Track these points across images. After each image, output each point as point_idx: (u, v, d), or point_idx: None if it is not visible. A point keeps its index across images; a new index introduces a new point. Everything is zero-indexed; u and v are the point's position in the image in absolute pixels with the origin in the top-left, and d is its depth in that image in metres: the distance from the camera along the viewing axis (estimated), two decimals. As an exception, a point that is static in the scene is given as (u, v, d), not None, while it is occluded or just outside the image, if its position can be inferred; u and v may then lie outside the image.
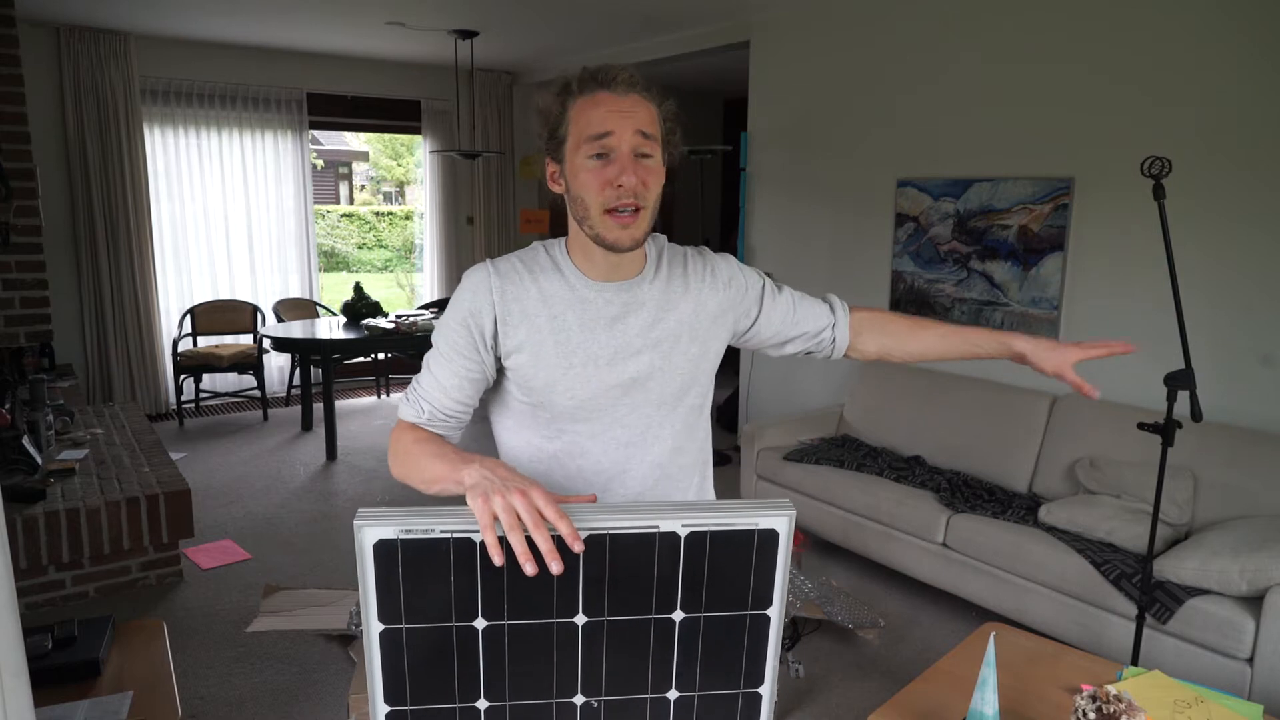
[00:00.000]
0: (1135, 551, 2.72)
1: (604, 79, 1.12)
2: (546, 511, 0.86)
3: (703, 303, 1.26)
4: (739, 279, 1.32)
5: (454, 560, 0.87)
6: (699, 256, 1.30)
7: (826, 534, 3.60)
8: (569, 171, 1.14)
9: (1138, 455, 3.00)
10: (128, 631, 1.76)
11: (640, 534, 0.89)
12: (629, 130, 1.10)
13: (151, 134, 5.64)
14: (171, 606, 3.18)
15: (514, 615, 0.90)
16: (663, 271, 1.25)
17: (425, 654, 0.90)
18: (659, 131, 1.15)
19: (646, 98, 1.14)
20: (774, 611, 0.95)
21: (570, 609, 0.91)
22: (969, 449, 3.55)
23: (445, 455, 1.07)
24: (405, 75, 6.52)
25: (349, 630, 2.90)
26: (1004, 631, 1.59)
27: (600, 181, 1.11)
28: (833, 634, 3.02)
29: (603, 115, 1.10)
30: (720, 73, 6.26)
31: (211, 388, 6.06)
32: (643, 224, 1.13)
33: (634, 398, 1.21)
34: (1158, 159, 2.03)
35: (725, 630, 0.94)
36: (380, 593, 0.88)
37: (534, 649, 0.92)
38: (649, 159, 1.13)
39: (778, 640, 0.96)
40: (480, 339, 1.17)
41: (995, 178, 3.64)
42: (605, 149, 1.10)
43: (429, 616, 0.89)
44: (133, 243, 5.51)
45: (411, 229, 14.34)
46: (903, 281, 4.07)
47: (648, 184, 1.12)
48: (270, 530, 3.92)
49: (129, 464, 3.58)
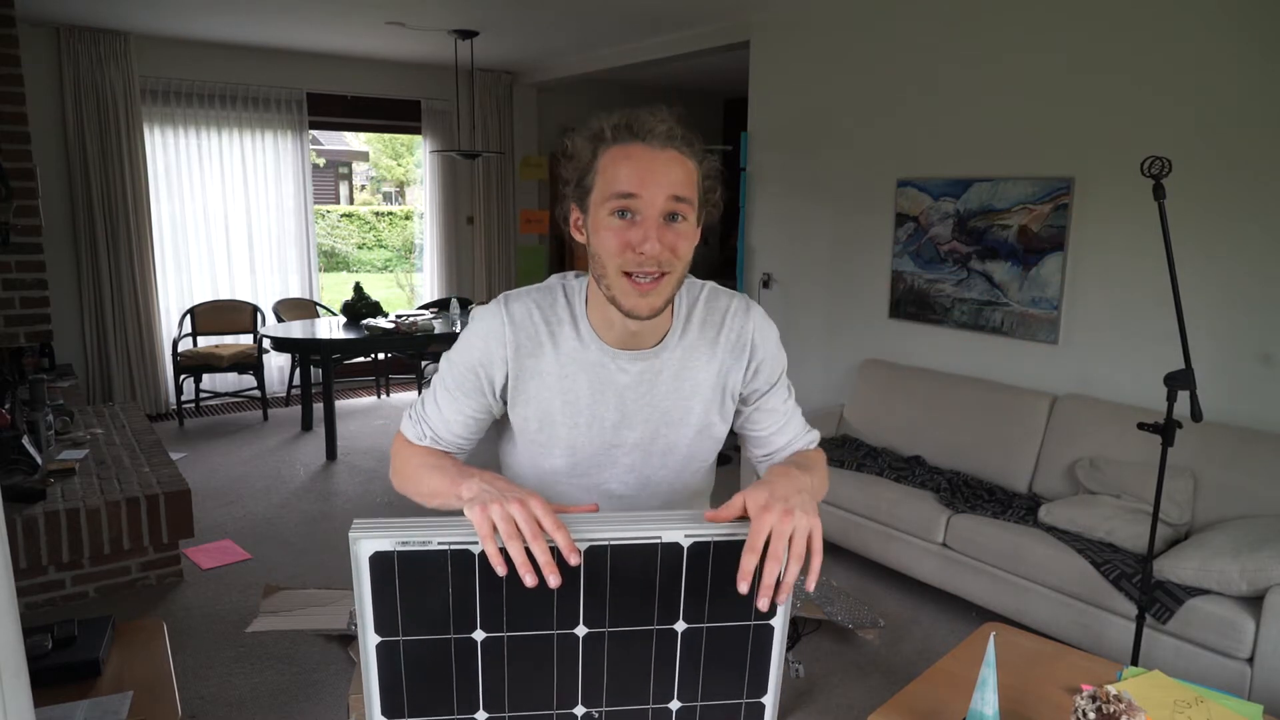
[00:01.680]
0: (1135, 551, 2.71)
1: (639, 129, 1.03)
2: (544, 521, 0.85)
3: (725, 373, 1.17)
4: (767, 367, 1.20)
5: (452, 572, 0.87)
6: (736, 320, 1.17)
7: (827, 534, 3.59)
8: (591, 224, 1.06)
9: (1138, 455, 3.00)
10: (128, 631, 1.76)
11: (642, 545, 0.89)
12: (660, 194, 1.01)
13: (151, 134, 5.64)
14: (171, 607, 3.18)
15: (514, 627, 0.90)
16: (690, 333, 1.15)
17: (423, 666, 0.90)
18: (696, 193, 1.05)
19: (686, 154, 1.04)
20: (778, 621, 0.94)
21: (571, 620, 0.90)
22: (969, 449, 3.55)
23: (445, 469, 1.06)
24: (405, 75, 6.52)
25: (349, 630, 2.90)
26: (1004, 631, 1.59)
27: (620, 243, 1.02)
28: (833, 634, 3.01)
29: (632, 172, 1.01)
30: (720, 73, 6.26)
31: (211, 388, 6.06)
32: (664, 291, 1.04)
33: (633, 458, 1.17)
34: (1158, 159, 2.03)
35: (728, 640, 0.94)
36: (377, 605, 0.87)
37: (534, 660, 0.91)
38: (681, 222, 1.03)
39: (781, 650, 0.96)
40: (489, 387, 1.14)
41: (995, 178, 3.64)
42: (630, 209, 1.02)
43: (426, 628, 0.88)
44: (133, 242, 5.51)
45: (411, 229, 14.33)
46: (903, 281, 4.07)
47: (677, 250, 1.03)
48: (270, 530, 3.92)
49: (129, 464, 3.58)
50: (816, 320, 4.56)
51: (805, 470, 1.03)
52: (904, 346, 4.11)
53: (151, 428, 4.16)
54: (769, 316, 1.23)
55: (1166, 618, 2.50)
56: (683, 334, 1.15)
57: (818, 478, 1.10)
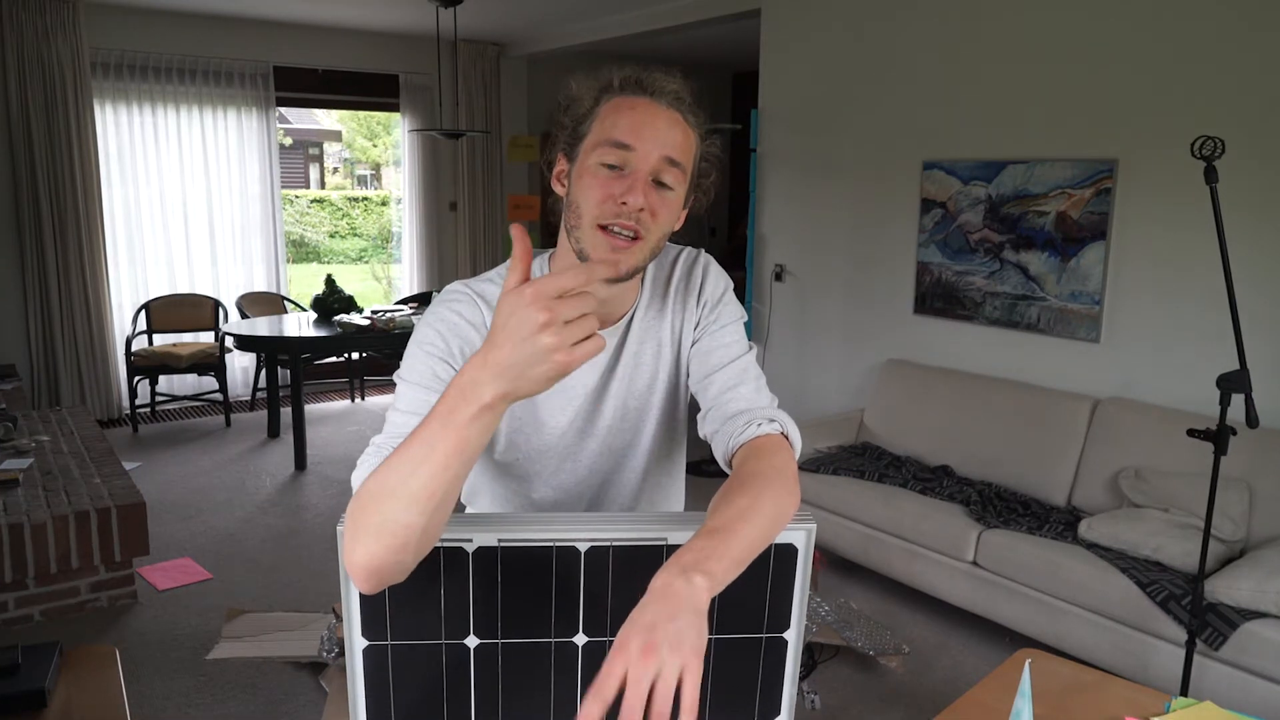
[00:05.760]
0: (1185, 570, 2.72)
1: (649, 85, 1.07)
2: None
3: (678, 324, 1.22)
4: (716, 307, 1.21)
5: (445, 572, 0.87)
6: (683, 266, 1.24)
7: (845, 551, 3.60)
8: (576, 172, 1.09)
9: (1188, 465, 3.00)
10: (77, 659, 1.75)
11: (647, 546, 0.89)
12: (655, 151, 1.05)
13: (103, 111, 5.64)
14: (125, 631, 3.18)
15: (509, 633, 0.90)
16: (646, 297, 1.21)
17: (412, 673, 0.91)
18: (690, 165, 1.09)
19: (690, 123, 1.09)
20: (791, 635, 0.95)
21: (570, 628, 0.91)
22: (1002, 458, 3.55)
23: (422, 425, 0.84)
24: (382, 47, 6.52)
25: (320, 658, 2.90)
26: (1040, 658, 1.59)
27: (604, 194, 1.05)
28: (852, 662, 3.02)
29: (631, 123, 1.05)
30: (728, 44, 6.27)
31: (169, 390, 6.06)
32: (637, 256, 1.07)
33: (607, 436, 1.21)
34: (1210, 139, 2.03)
35: (738, 655, 0.94)
36: (364, 606, 0.88)
37: (530, 670, 0.92)
38: (668, 191, 1.07)
39: (795, 666, 0.96)
40: None
41: (1031, 159, 3.64)
42: (621, 161, 1.05)
43: (417, 633, 0.89)
44: (82, 231, 5.51)
45: (388, 216, 14.35)
46: (929, 274, 4.08)
47: (656, 215, 1.06)
48: (233, 547, 3.92)
49: (78, 474, 3.58)
50: (834, 316, 4.56)
51: (724, 531, 0.87)
52: (930, 345, 4.11)
53: (103, 434, 4.15)
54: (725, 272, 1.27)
55: (1219, 643, 2.50)
56: (648, 303, 1.21)
57: (760, 517, 0.91)
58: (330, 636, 2.93)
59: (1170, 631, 2.62)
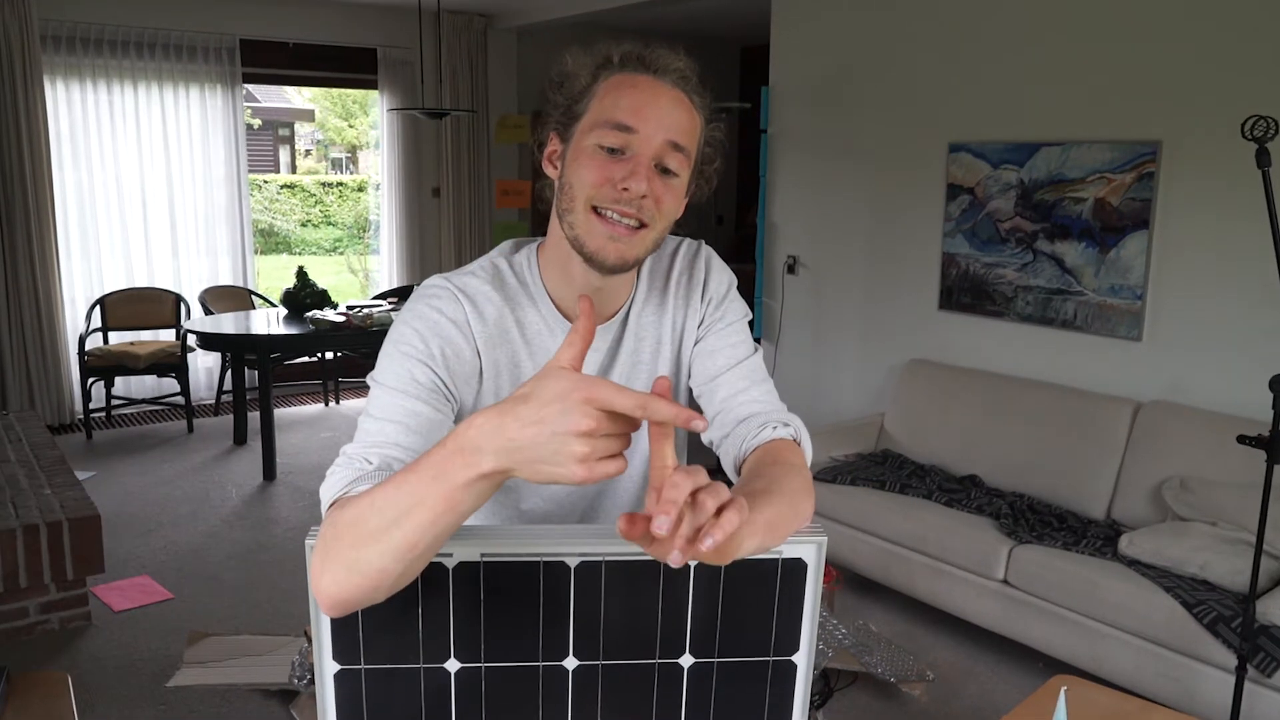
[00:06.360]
0: (1234, 590, 2.72)
1: (652, 62, 1.07)
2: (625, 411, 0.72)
3: (679, 322, 1.22)
4: (721, 304, 1.22)
5: (423, 590, 0.87)
6: (683, 259, 1.24)
7: (863, 569, 3.60)
8: (570, 154, 1.08)
9: (1238, 474, 3.00)
10: (25, 686, 1.75)
11: (642, 562, 0.89)
12: (659, 134, 1.04)
13: (53, 88, 5.64)
14: (78, 656, 3.18)
15: (492, 656, 0.91)
16: (644, 291, 1.21)
17: (388, 700, 0.91)
18: (695, 150, 1.10)
19: (695, 104, 1.09)
20: (801, 658, 0.95)
21: (559, 650, 0.91)
22: (1035, 467, 3.55)
23: (412, 466, 0.82)
24: (358, 18, 6.52)
25: (290, 685, 2.91)
26: (1077, 686, 1.59)
27: (601, 176, 1.04)
28: (871, 688, 3.02)
29: (633, 104, 1.05)
30: (736, 16, 6.27)
31: (126, 393, 6.06)
32: (640, 246, 1.07)
33: None
34: (1262, 119, 2.03)
35: (743, 679, 0.95)
36: (336, 628, 0.88)
37: (516, 697, 0.92)
38: (672, 177, 1.07)
39: (805, 693, 0.96)
40: (448, 389, 1.06)
41: (1067, 141, 3.64)
42: (622, 144, 1.04)
43: (392, 656, 0.89)
44: (30, 219, 5.51)
45: (365, 203, 14.35)
46: (956, 266, 4.08)
47: (661, 202, 1.06)
48: (196, 565, 3.92)
49: (26, 485, 3.58)
50: (852, 313, 4.57)
51: (766, 494, 0.90)
52: (957, 344, 4.12)
53: (54, 441, 4.16)
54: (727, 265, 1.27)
55: (1272, 670, 2.50)
56: (645, 297, 1.21)
57: (782, 503, 0.92)
58: (301, 661, 2.93)
59: (1219, 656, 2.62)
